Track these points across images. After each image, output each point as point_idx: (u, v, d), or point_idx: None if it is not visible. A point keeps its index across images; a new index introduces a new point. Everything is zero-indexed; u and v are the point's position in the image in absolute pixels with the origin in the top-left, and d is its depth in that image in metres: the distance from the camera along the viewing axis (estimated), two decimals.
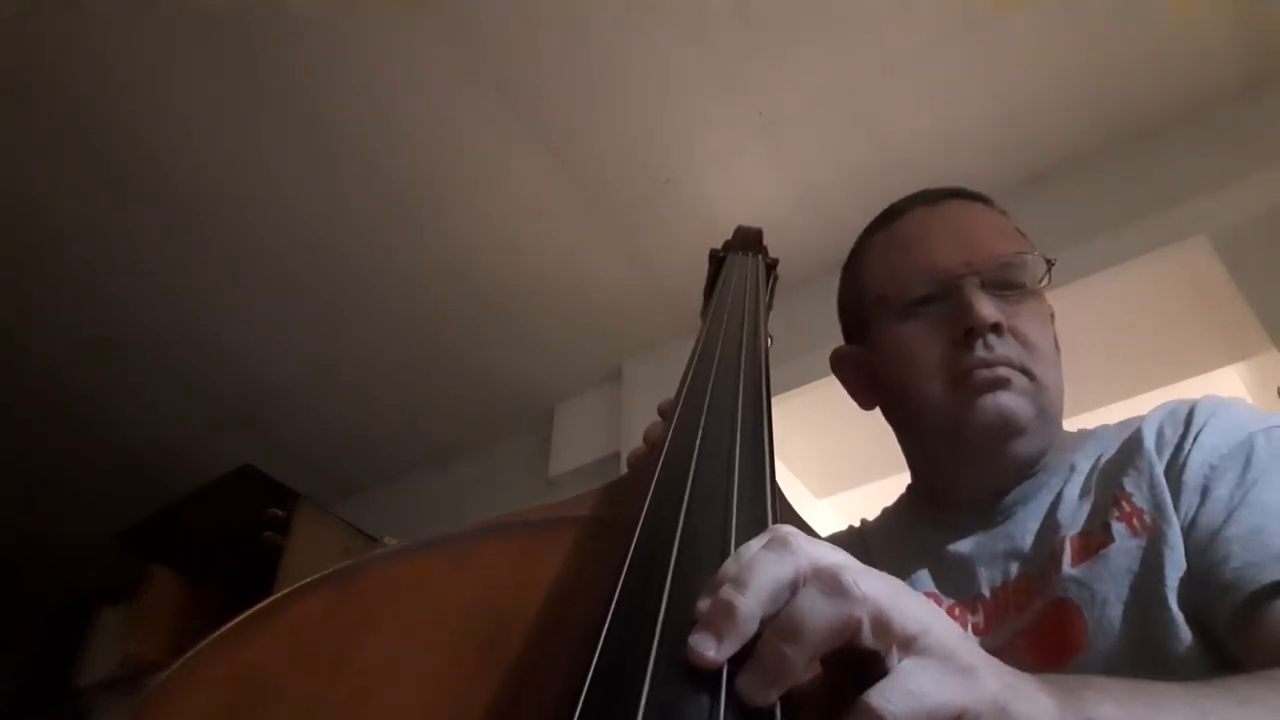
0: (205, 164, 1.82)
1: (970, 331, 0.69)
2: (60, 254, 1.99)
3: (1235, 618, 0.52)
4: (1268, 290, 1.53)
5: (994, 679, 0.32)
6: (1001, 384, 0.68)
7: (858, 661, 0.31)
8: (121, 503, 2.43)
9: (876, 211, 2.07)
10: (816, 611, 0.30)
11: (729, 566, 0.33)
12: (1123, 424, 0.71)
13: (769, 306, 0.86)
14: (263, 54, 1.64)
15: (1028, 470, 0.71)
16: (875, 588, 0.31)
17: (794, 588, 0.32)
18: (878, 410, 0.86)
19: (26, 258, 1.99)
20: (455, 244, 2.01)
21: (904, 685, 0.30)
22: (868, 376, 0.81)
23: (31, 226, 1.93)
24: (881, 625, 0.31)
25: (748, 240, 0.95)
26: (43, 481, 2.60)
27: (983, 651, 0.34)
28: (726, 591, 0.31)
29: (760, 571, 0.32)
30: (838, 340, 0.85)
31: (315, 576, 0.43)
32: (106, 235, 1.95)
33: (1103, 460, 0.68)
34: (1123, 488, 0.63)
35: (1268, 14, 1.60)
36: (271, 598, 0.41)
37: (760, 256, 0.92)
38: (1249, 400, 1.84)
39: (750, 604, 0.31)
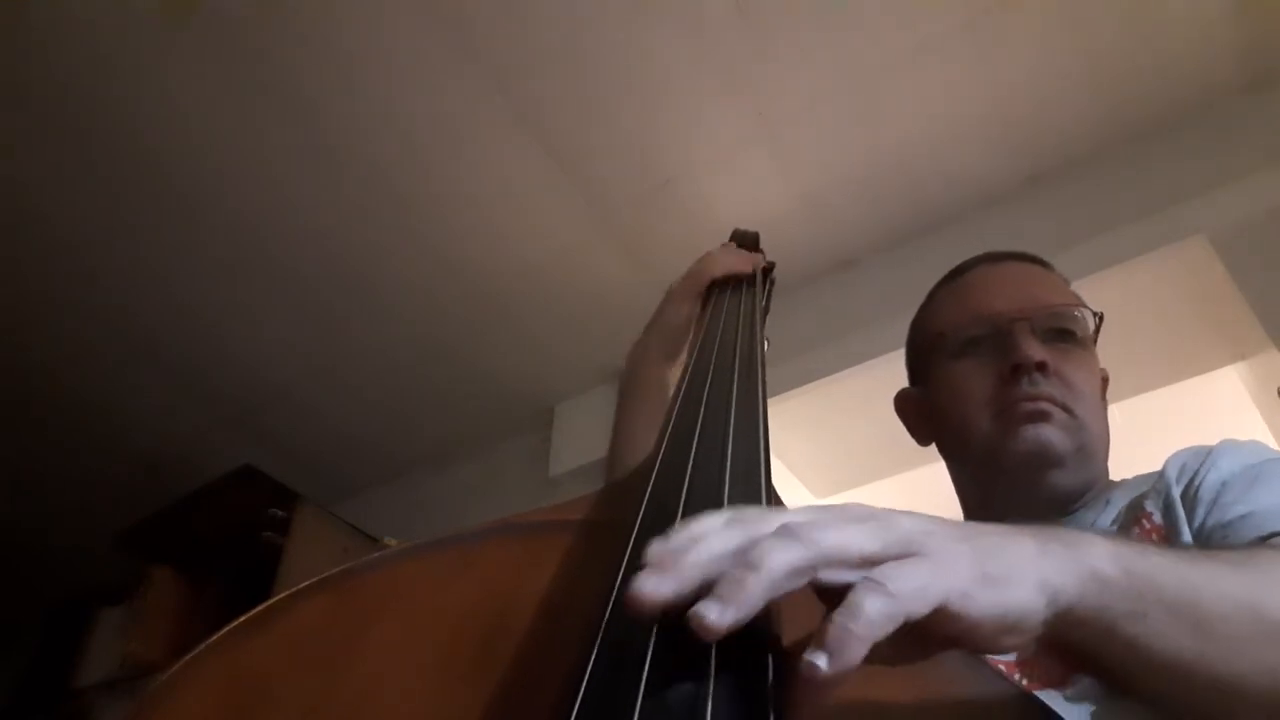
0: (204, 163, 1.82)
1: (1017, 368, 0.74)
2: (59, 254, 1.99)
3: None
4: (1268, 290, 1.53)
5: (966, 556, 0.34)
6: (1043, 417, 0.73)
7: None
8: (121, 503, 2.43)
9: (875, 212, 2.08)
10: (773, 552, 0.31)
11: (680, 538, 0.33)
12: (1155, 471, 0.75)
13: (766, 309, 0.87)
14: (262, 54, 1.64)
15: (1068, 505, 0.75)
16: (824, 534, 0.32)
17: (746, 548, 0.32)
18: (876, 410, 0.94)
19: (25, 258, 1.99)
20: (455, 244, 2.01)
21: (894, 572, 0.31)
22: (925, 413, 0.86)
23: (30, 226, 1.93)
24: (841, 560, 0.32)
25: (745, 243, 0.96)
26: (43, 481, 2.61)
27: (945, 529, 0.35)
28: (675, 541, 0.32)
29: (710, 540, 0.33)
30: (837, 340, 0.85)
31: (315, 579, 0.43)
32: (105, 235, 1.96)
33: (1134, 496, 0.72)
34: (1144, 509, 0.68)
35: (1268, 15, 1.60)
36: (272, 600, 0.41)
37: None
38: (1249, 400, 1.84)
39: (695, 558, 0.31)
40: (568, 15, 1.59)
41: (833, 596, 0.32)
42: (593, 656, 0.31)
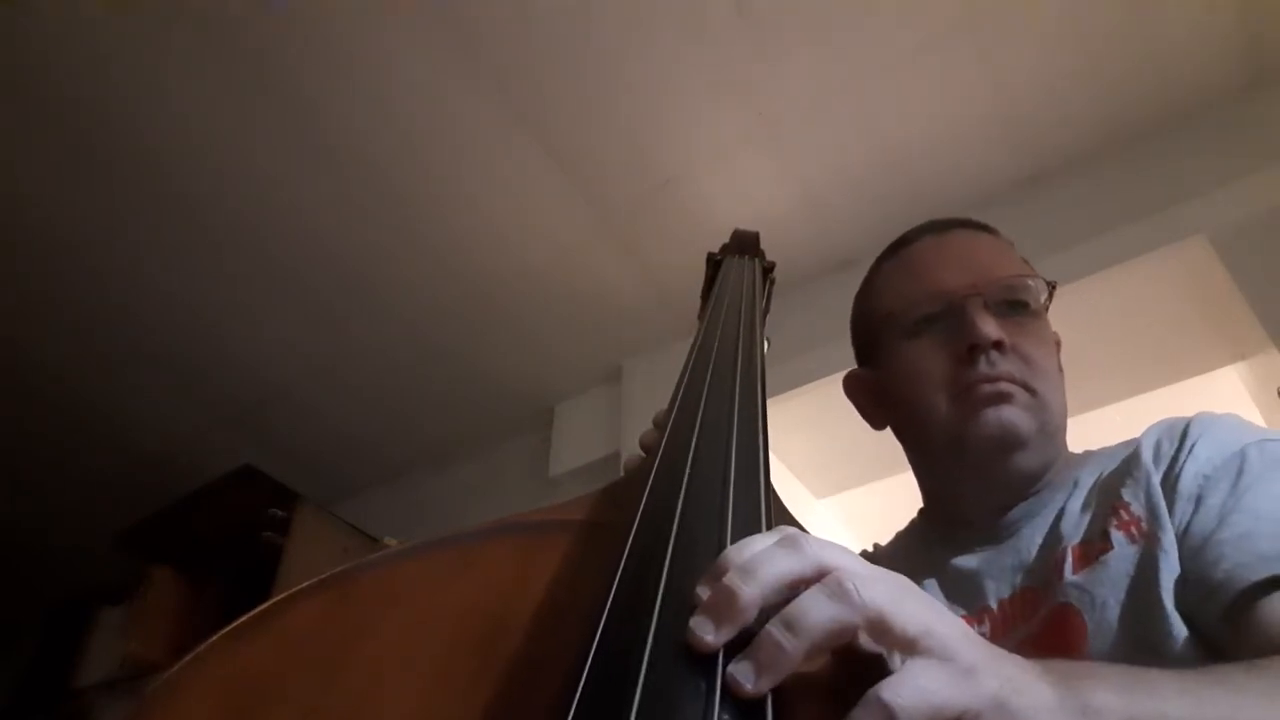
0: (204, 164, 1.82)
1: (974, 348, 0.72)
2: (59, 255, 1.99)
3: (1225, 615, 0.54)
4: (1268, 290, 1.53)
5: (993, 677, 0.33)
6: (1003, 398, 0.71)
7: (862, 660, 0.32)
8: (121, 503, 2.43)
9: (875, 212, 2.08)
10: (817, 611, 0.31)
11: (733, 556, 0.34)
12: (1124, 443, 0.73)
13: (766, 310, 0.86)
14: (262, 54, 1.64)
15: (1031, 486, 0.73)
16: (877, 594, 0.32)
17: (797, 586, 0.33)
18: None
19: (26, 259, 1.99)
20: (455, 244, 2.01)
21: (912, 682, 0.31)
22: (878, 397, 0.84)
23: (30, 227, 1.93)
24: (881, 630, 0.32)
25: (745, 243, 0.95)
26: (43, 482, 2.61)
27: (985, 647, 0.35)
28: (731, 579, 0.32)
29: (768, 565, 0.33)
30: (837, 340, 0.85)
31: (315, 579, 0.43)
32: (105, 235, 1.95)
33: (1104, 475, 0.70)
34: (1121, 498, 0.65)
35: (1268, 14, 1.60)
36: (272, 600, 0.41)
37: (757, 260, 0.92)
38: (1249, 400, 1.84)
39: (752, 593, 0.32)
40: (568, 15, 1.59)
41: (852, 657, 0.32)
42: (589, 660, 0.31)
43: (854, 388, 0.87)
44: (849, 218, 1.96)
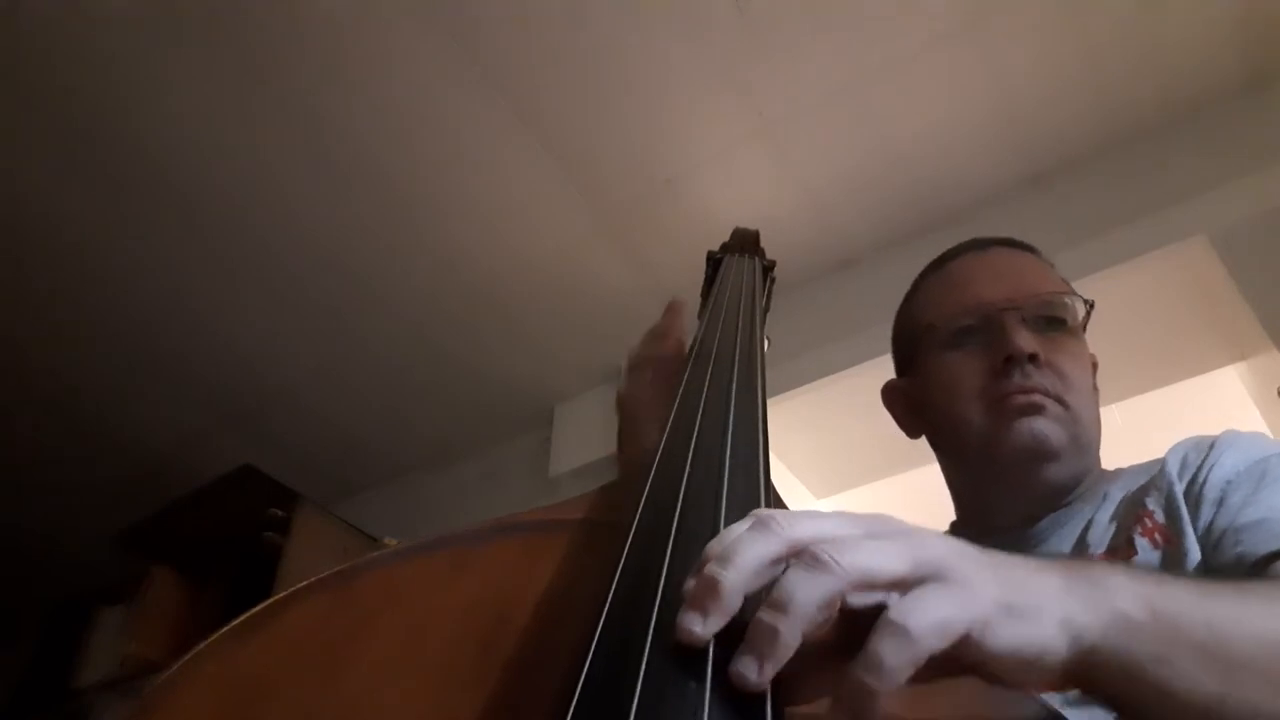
0: (205, 165, 1.82)
1: (1009, 360, 0.74)
2: (60, 255, 1.99)
3: None
4: (1268, 290, 1.53)
5: (990, 584, 0.33)
6: (1036, 410, 0.72)
7: (862, 615, 0.32)
8: (121, 503, 2.43)
9: (876, 212, 2.08)
10: (802, 589, 0.31)
11: (712, 547, 0.34)
12: (1153, 461, 0.74)
13: (766, 309, 0.86)
14: (263, 55, 1.64)
15: (1061, 498, 0.74)
16: (856, 557, 0.32)
17: (777, 565, 0.33)
18: (877, 410, 0.91)
19: (27, 260, 1.99)
20: (455, 244, 2.01)
21: (918, 604, 0.31)
22: (914, 406, 0.86)
23: (32, 228, 1.93)
24: (869, 585, 0.32)
25: (745, 242, 0.96)
26: (43, 482, 2.61)
27: (976, 557, 0.35)
28: (710, 569, 0.32)
29: (743, 549, 0.33)
30: (837, 340, 0.86)
31: (314, 579, 0.43)
32: (106, 236, 1.96)
33: (1131, 490, 0.71)
34: (1145, 506, 0.67)
35: (1268, 14, 1.60)
36: (270, 600, 0.41)
37: (757, 258, 0.92)
38: (1249, 400, 1.84)
39: (733, 579, 0.32)
40: (568, 15, 1.59)
41: (855, 615, 0.32)
42: (588, 659, 0.31)
43: (891, 397, 0.89)
44: (850, 218, 1.96)
